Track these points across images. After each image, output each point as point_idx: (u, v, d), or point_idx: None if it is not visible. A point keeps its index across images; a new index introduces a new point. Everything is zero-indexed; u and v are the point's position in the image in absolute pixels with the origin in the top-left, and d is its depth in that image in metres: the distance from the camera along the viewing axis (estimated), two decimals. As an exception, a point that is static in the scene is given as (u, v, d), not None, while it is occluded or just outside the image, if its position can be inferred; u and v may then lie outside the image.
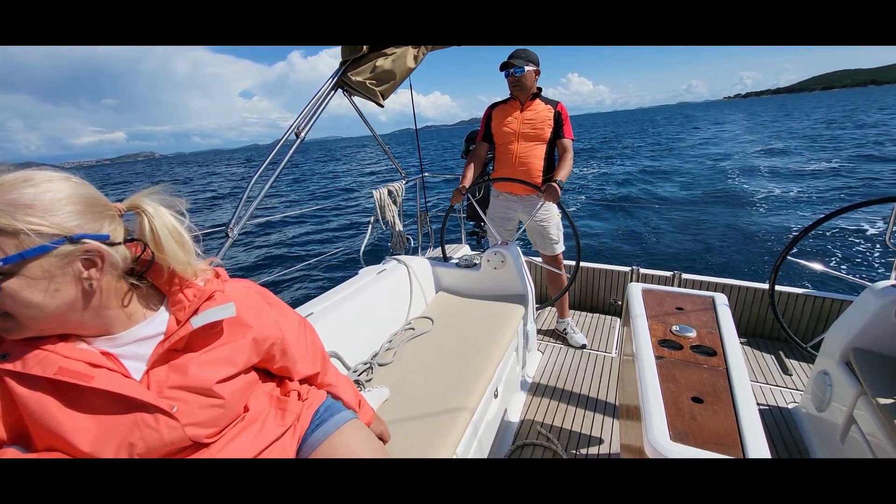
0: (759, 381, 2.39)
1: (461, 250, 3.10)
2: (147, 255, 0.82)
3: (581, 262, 3.19)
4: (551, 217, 2.66)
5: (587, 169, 20.20)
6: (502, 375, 1.97)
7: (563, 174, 2.43)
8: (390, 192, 2.89)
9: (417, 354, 1.90)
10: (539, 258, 2.83)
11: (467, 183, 2.57)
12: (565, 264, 2.84)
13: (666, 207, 10.75)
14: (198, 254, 0.90)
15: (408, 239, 2.94)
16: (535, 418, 2.14)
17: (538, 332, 2.95)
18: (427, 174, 3.20)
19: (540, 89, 2.58)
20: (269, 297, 1.05)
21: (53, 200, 0.68)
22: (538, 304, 2.77)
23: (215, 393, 0.84)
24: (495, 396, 1.87)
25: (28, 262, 0.66)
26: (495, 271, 2.44)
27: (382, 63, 2.35)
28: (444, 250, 2.71)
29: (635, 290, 1.74)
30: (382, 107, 2.54)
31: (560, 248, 2.72)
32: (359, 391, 1.38)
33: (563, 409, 2.20)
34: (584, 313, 3.22)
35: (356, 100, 2.43)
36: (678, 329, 1.46)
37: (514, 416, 2.14)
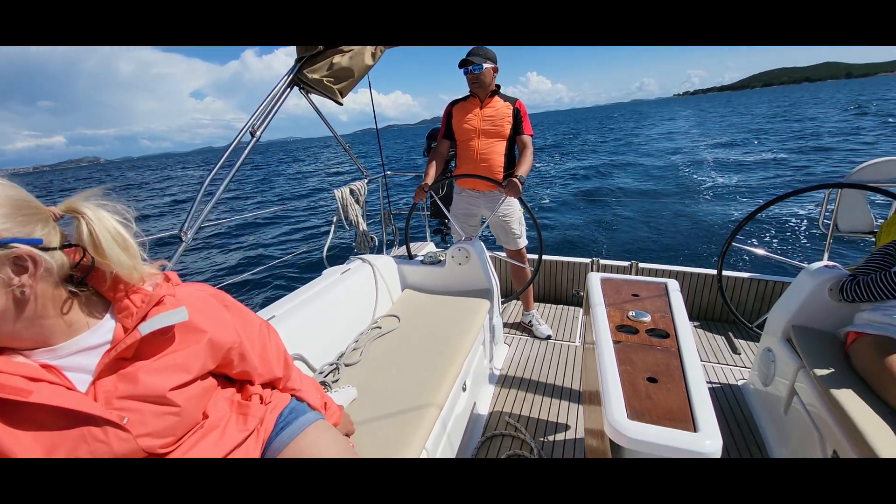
0: (710, 360, 2.54)
1: (426, 248, 3.11)
2: (87, 261, 0.78)
3: (544, 256, 3.27)
4: (513, 212, 2.71)
5: (551, 164, 20.66)
6: (470, 369, 1.99)
7: (523, 169, 2.48)
8: (352, 192, 2.86)
9: (384, 353, 1.90)
10: (503, 253, 2.88)
11: (430, 180, 2.58)
12: (529, 258, 2.90)
13: (624, 200, 11.15)
14: (145, 258, 0.86)
15: (372, 238, 2.92)
16: (504, 409, 2.18)
17: (504, 325, 3.01)
18: (389, 173, 3.19)
19: (498, 86, 2.62)
20: (227, 300, 1.02)
21: None
22: (503, 298, 2.82)
23: (169, 401, 0.81)
24: (464, 390, 1.89)
25: None
26: (460, 267, 2.46)
27: (339, 60, 2.32)
28: (408, 248, 2.71)
29: (594, 280, 1.80)
30: (341, 105, 2.50)
31: (523, 241, 2.78)
32: (324, 392, 1.36)
33: (530, 399, 2.25)
34: (548, 305, 3.30)
35: (314, 98, 2.39)
36: (634, 314, 1.52)
37: (483, 408, 2.17)
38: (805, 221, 7.67)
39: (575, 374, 2.45)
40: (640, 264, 3.05)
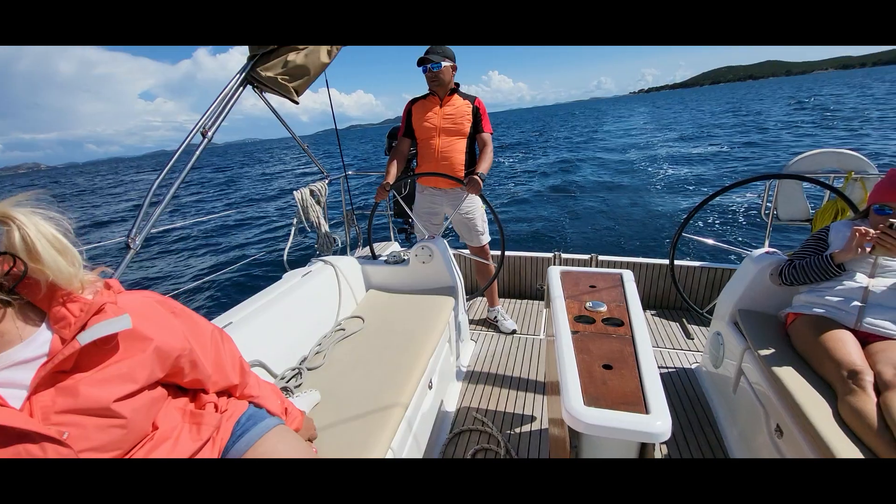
0: (666, 346, 2.65)
1: (390, 247, 3.09)
2: (18, 269, 0.73)
3: (508, 252, 3.32)
4: (476, 209, 2.73)
5: (518, 161, 20.96)
6: (436, 367, 2.00)
7: (484, 167, 2.51)
8: (313, 193, 2.80)
9: (349, 355, 1.88)
10: (467, 250, 2.90)
11: (391, 179, 2.57)
12: (492, 254, 2.94)
13: (587, 195, 11.47)
14: (85, 264, 0.82)
15: (335, 240, 2.88)
16: (472, 405, 2.20)
17: (470, 321, 3.03)
18: (351, 172, 3.14)
19: (458, 84, 2.64)
20: (175, 307, 0.98)
21: None
22: (468, 295, 2.84)
23: (114, 412, 0.77)
24: (430, 388, 1.89)
25: None
26: (424, 265, 2.46)
27: (294, 58, 2.27)
28: (372, 248, 2.69)
29: (554, 274, 1.85)
30: (297, 103, 2.45)
31: (486, 238, 2.81)
32: (285, 397, 1.33)
33: (497, 393, 2.28)
34: (513, 300, 3.35)
35: (270, 97, 2.32)
36: (591, 305, 1.57)
37: (451, 405, 2.19)
38: (752, 210, 8.13)
39: (540, 366, 2.51)
40: (600, 257, 3.14)
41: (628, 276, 1.79)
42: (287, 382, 1.70)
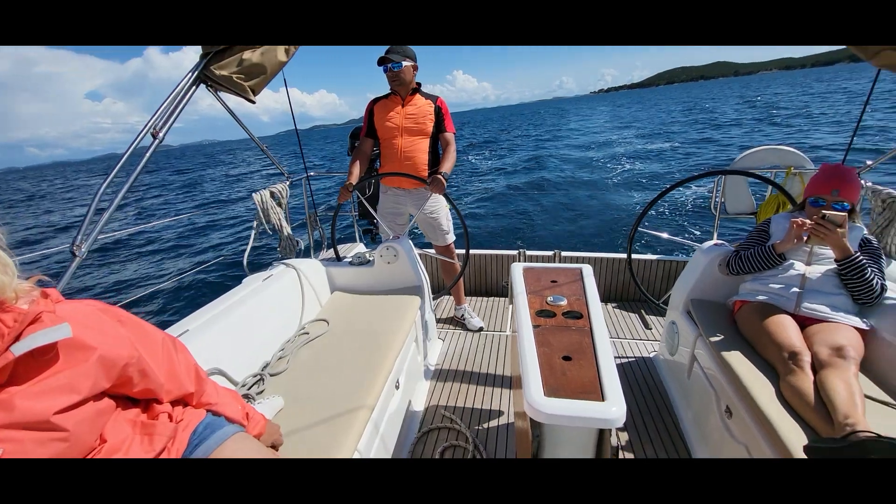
0: (626, 337, 2.75)
1: (356, 249, 3.06)
2: None
3: (474, 250, 3.35)
4: (440, 208, 2.74)
5: (485, 160, 21.13)
6: (402, 367, 2.00)
7: (447, 166, 2.52)
8: (273, 195, 2.74)
9: (313, 359, 1.85)
10: (432, 250, 2.91)
11: (354, 180, 2.54)
12: (458, 253, 2.96)
13: (551, 192, 11.71)
14: (19, 274, 0.78)
15: (297, 242, 2.82)
16: (440, 403, 2.22)
17: (437, 320, 3.04)
18: (312, 173, 3.09)
19: (419, 84, 2.64)
20: (121, 316, 0.94)
21: None
22: (434, 294, 2.85)
23: (55, 426, 0.74)
24: (397, 388, 1.89)
25: None
26: (389, 266, 2.45)
27: (250, 56, 2.21)
28: (336, 250, 2.65)
29: (517, 270, 1.88)
30: (254, 103, 2.38)
31: (451, 237, 2.82)
32: (246, 404, 1.30)
33: (465, 391, 2.30)
34: (479, 298, 3.38)
35: (227, 97, 2.25)
36: (552, 299, 1.61)
37: (419, 404, 2.19)
38: (703, 204, 8.52)
39: (507, 362, 2.55)
40: (563, 253, 3.22)
41: (587, 271, 1.84)
42: (249, 389, 1.66)
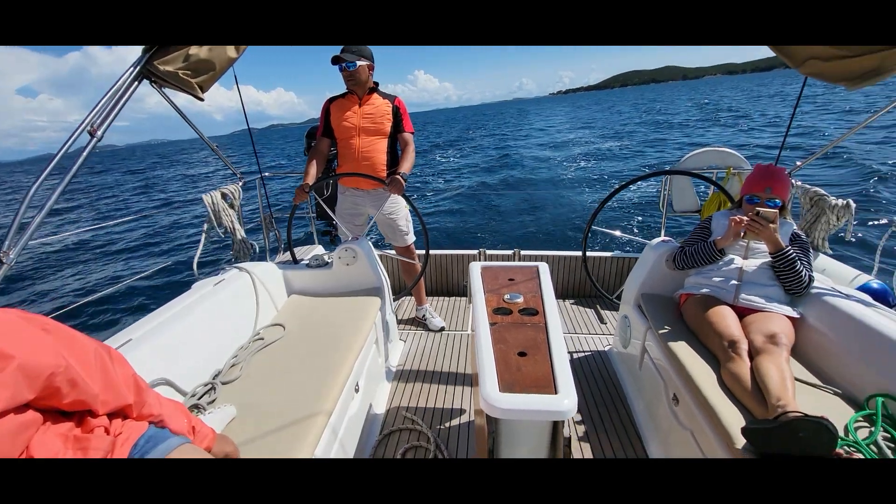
0: (582, 332, 2.84)
1: (314, 251, 2.99)
2: None
3: (435, 251, 3.35)
4: (399, 209, 2.73)
5: (446, 160, 21.21)
6: (362, 369, 1.97)
7: (406, 167, 2.51)
8: (225, 196, 2.63)
9: (268, 365, 1.79)
10: (393, 251, 2.89)
11: (310, 180, 2.49)
12: (418, 253, 2.95)
13: (512, 191, 11.90)
14: None
15: (252, 245, 2.73)
16: (401, 404, 2.20)
17: (399, 321, 3.03)
18: (267, 173, 3.00)
19: (377, 84, 2.61)
20: (47, 324, 0.88)
21: None
22: (395, 295, 2.84)
23: None
24: (357, 391, 1.86)
25: None
26: (348, 268, 2.42)
27: (197, 51, 2.11)
28: (292, 252, 2.58)
29: (475, 269, 1.90)
30: (202, 100, 2.29)
31: (411, 238, 2.82)
32: (192, 415, 1.25)
33: (426, 391, 2.30)
34: (441, 298, 3.39)
35: (174, 93, 2.15)
36: (509, 297, 1.64)
37: (380, 406, 2.17)
38: (653, 202, 8.91)
39: (468, 360, 2.57)
40: (523, 251, 3.28)
41: (544, 269, 1.88)
42: (199, 399, 1.59)
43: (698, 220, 3.01)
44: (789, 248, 1.79)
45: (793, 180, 2.39)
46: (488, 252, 3.32)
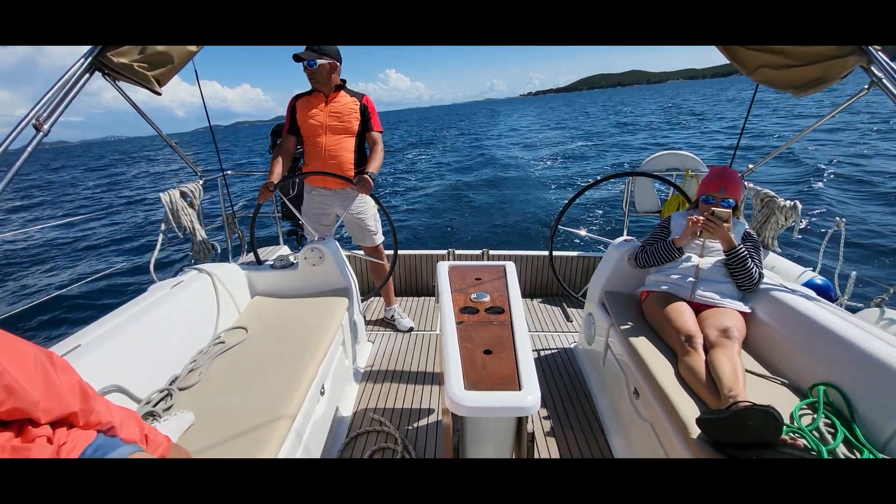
0: (549, 330, 2.89)
1: (279, 251, 2.92)
2: None
3: (404, 250, 3.34)
4: (367, 209, 2.70)
5: (418, 159, 21.15)
6: (328, 372, 1.94)
7: (374, 166, 2.48)
8: (184, 195, 2.54)
9: (229, 369, 1.74)
10: (361, 251, 2.86)
11: (275, 178, 2.43)
12: (387, 254, 2.93)
13: (483, 191, 11.97)
14: None
15: (213, 246, 2.63)
16: (369, 406, 2.18)
17: (367, 322, 3.00)
18: (230, 172, 2.91)
19: (344, 81, 2.57)
20: None
21: None
22: (363, 296, 2.80)
23: None
24: (322, 394, 1.83)
25: None
26: (314, 268, 2.37)
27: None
28: (256, 253, 2.51)
29: (442, 269, 1.90)
30: (160, 94, 2.19)
31: (379, 238, 2.79)
32: (146, 423, 1.20)
33: (395, 391, 2.29)
34: (410, 298, 3.38)
35: (128, 87, 2.06)
36: (476, 296, 1.65)
37: (347, 409, 2.14)
38: (614, 203, 9.13)
39: (437, 360, 2.57)
40: (491, 251, 3.31)
41: (510, 268, 1.90)
42: (154, 406, 1.52)
43: (659, 220, 3.13)
44: (741, 246, 1.87)
45: (746, 182, 2.51)
46: (457, 252, 3.33)
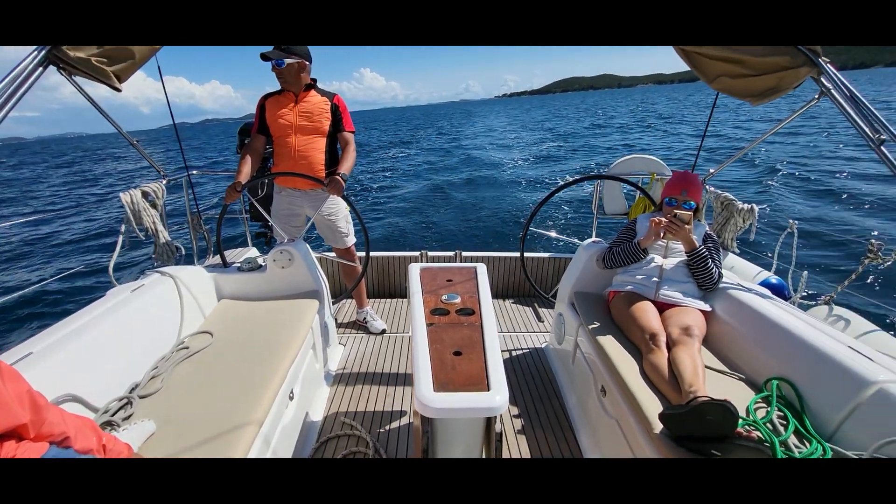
0: (521, 330, 2.93)
1: (247, 253, 2.86)
2: None
3: (377, 252, 3.31)
4: (339, 210, 2.67)
5: (393, 159, 21.05)
6: (297, 376, 1.91)
7: (346, 167, 2.46)
8: (146, 195, 2.45)
9: (193, 375, 1.69)
10: (332, 253, 2.82)
11: (243, 179, 2.37)
12: (359, 256, 2.90)
13: (458, 192, 11.99)
14: None
15: (177, 248, 2.55)
16: (340, 409, 2.16)
17: (339, 325, 2.96)
18: (195, 171, 2.82)
19: (314, 80, 2.54)
20: None
21: None
22: (335, 298, 2.77)
23: None
24: (291, 399, 1.80)
25: None
26: (283, 270, 2.33)
27: (113, 38, 1.95)
28: (222, 255, 2.44)
29: (414, 271, 1.90)
30: (119, 91, 2.12)
31: (351, 240, 2.76)
32: (104, 432, 1.15)
33: (367, 395, 2.27)
34: (383, 300, 3.36)
35: (85, 82, 1.97)
36: (447, 298, 1.65)
37: (317, 414, 2.11)
38: (585, 205, 9.31)
39: (409, 362, 2.56)
40: (464, 253, 3.33)
41: (481, 269, 1.92)
42: (112, 416, 1.46)
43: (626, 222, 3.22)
44: (702, 247, 1.95)
45: (706, 186, 2.61)
46: (430, 253, 3.34)
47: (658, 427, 1.37)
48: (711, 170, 2.73)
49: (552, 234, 2.87)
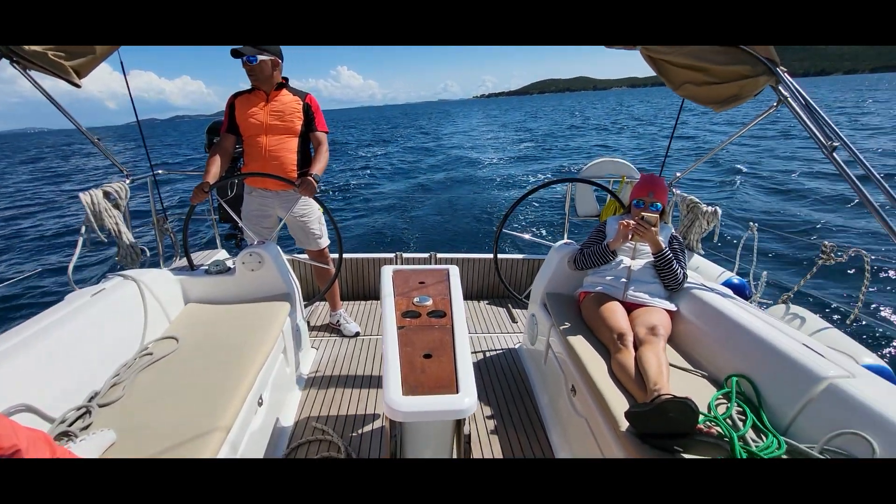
0: (494, 331, 2.95)
1: (216, 256, 2.78)
2: None
3: (350, 254, 3.28)
4: (311, 212, 2.63)
5: (369, 159, 20.87)
6: (267, 381, 1.87)
7: (318, 167, 2.42)
8: (108, 195, 2.36)
9: (157, 382, 1.63)
10: (305, 255, 2.78)
11: (211, 179, 2.31)
12: (333, 258, 2.86)
13: (434, 194, 11.99)
14: None
15: (142, 250, 2.47)
16: (312, 414, 2.13)
17: (311, 328, 2.92)
18: (161, 171, 2.73)
19: (286, 79, 2.50)
20: None
21: None
22: (307, 301, 2.73)
23: None
24: (260, 405, 1.77)
25: None
26: (253, 273, 2.28)
27: (69, 32, 1.87)
28: (189, 257, 2.37)
29: (386, 273, 1.89)
30: (79, 86, 2.04)
31: (324, 242, 2.72)
32: (58, 445, 1.11)
33: (339, 398, 2.25)
34: (357, 302, 3.33)
35: (41, 76, 1.89)
36: (419, 300, 1.65)
37: (288, 419, 2.08)
38: (558, 207, 9.44)
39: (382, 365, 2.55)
40: (439, 255, 3.33)
41: (454, 272, 1.93)
42: (69, 426, 1.40)
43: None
44: (667, 249, 2.01)
45: (673, 189, 2.69)
46: (405, 255, 3.32)
47: (624, 425, 1.40)
48: (678, 173, 2.81)
49: (526, 235, 2.90)
